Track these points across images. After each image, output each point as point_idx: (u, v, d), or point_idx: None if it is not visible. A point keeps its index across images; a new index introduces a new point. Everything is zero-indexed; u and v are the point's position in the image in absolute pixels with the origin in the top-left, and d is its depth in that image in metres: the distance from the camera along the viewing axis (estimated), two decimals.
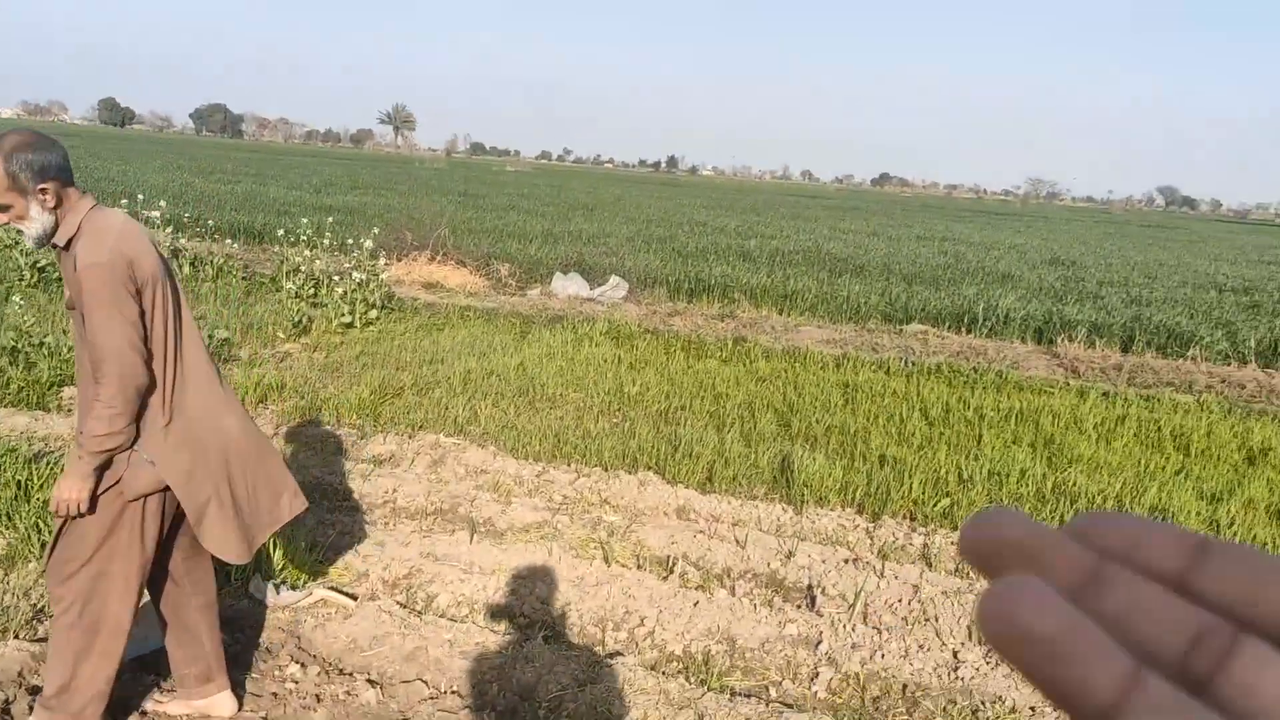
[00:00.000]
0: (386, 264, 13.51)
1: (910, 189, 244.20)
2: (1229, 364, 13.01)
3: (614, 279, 15.46)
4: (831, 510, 6.81)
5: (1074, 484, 7.30)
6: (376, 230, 13.64)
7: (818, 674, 4.52)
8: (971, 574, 5.92)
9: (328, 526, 5.73)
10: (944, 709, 4.30)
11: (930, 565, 6.04)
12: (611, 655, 4.58)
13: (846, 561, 5.85)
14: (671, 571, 5.59)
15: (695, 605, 5.05)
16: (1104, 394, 10.67)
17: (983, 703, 4.34)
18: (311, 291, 12.38)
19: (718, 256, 20.91)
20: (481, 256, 17.00)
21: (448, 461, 7.19)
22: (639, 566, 5.65)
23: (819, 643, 4.76)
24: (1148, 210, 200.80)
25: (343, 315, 11.33)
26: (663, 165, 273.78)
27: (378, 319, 11.83)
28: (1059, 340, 13.45)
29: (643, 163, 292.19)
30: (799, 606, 5.33)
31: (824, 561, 5.84)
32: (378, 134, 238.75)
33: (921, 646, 4.76)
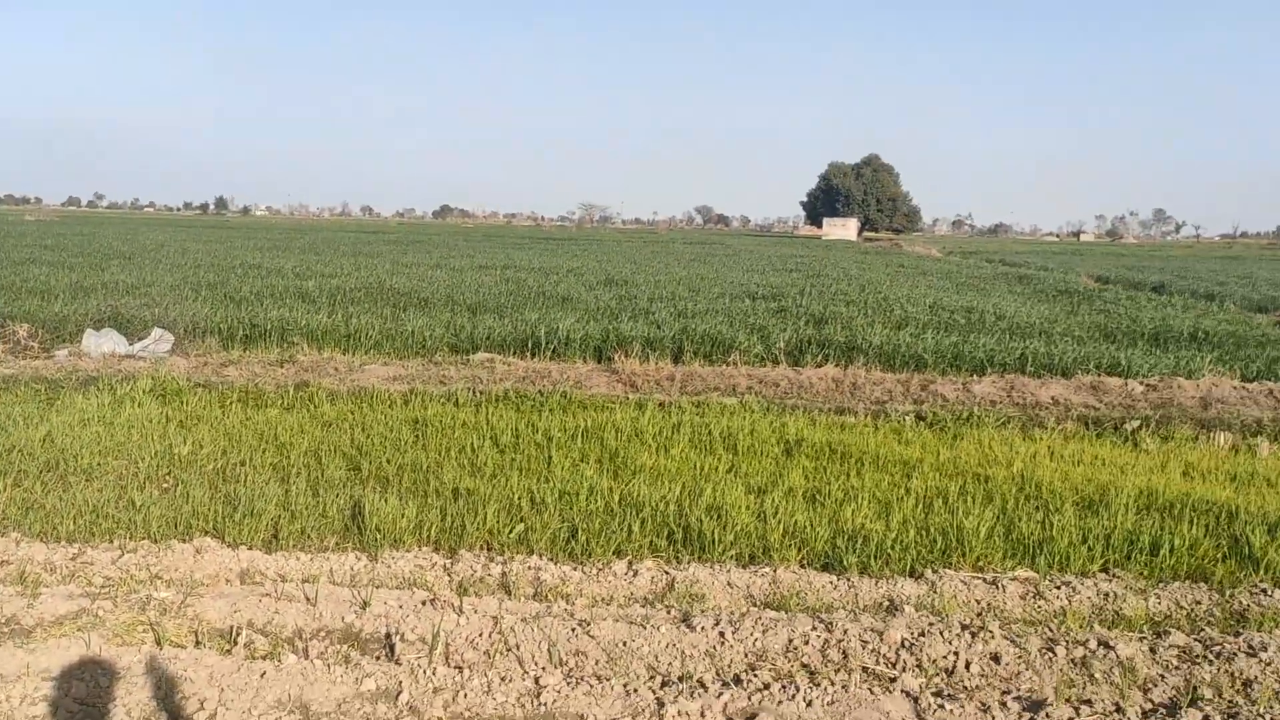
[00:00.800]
0: None
1: (472, 219, 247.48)
2: (764, 365, 14.29)
3: (157, 331, 14.25)
4: (408, 552, 6.63)
5: (639, 494, 7.62)
6: None
7: None
8: (550, 597, 5.97)
9: None
10: None
11: (510, 593, 6.03)
12: None
13: (425, 603, 5.69)
14: (235, 643, 5.15)
15: (262, 676, 4.66)
16: (660, 404, 11.31)
17: None
18: None
19: (274, 299, 19.97)
20: None
21: None
22: (197, 644, 5.15)
23: (399, 694, 4.56)
24: (688, 229, 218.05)
25: None
26: (211, 207, 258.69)
27: None
28: (617, 357, 14.11)
29: (189, 205, 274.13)
30: (378, 658, 5.10)
31: (401, 606, 5.64)
32: None
33: (504, 679, 4.71)
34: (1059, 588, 6.30)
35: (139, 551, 6.37)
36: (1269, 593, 6.34)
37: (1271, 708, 4.72)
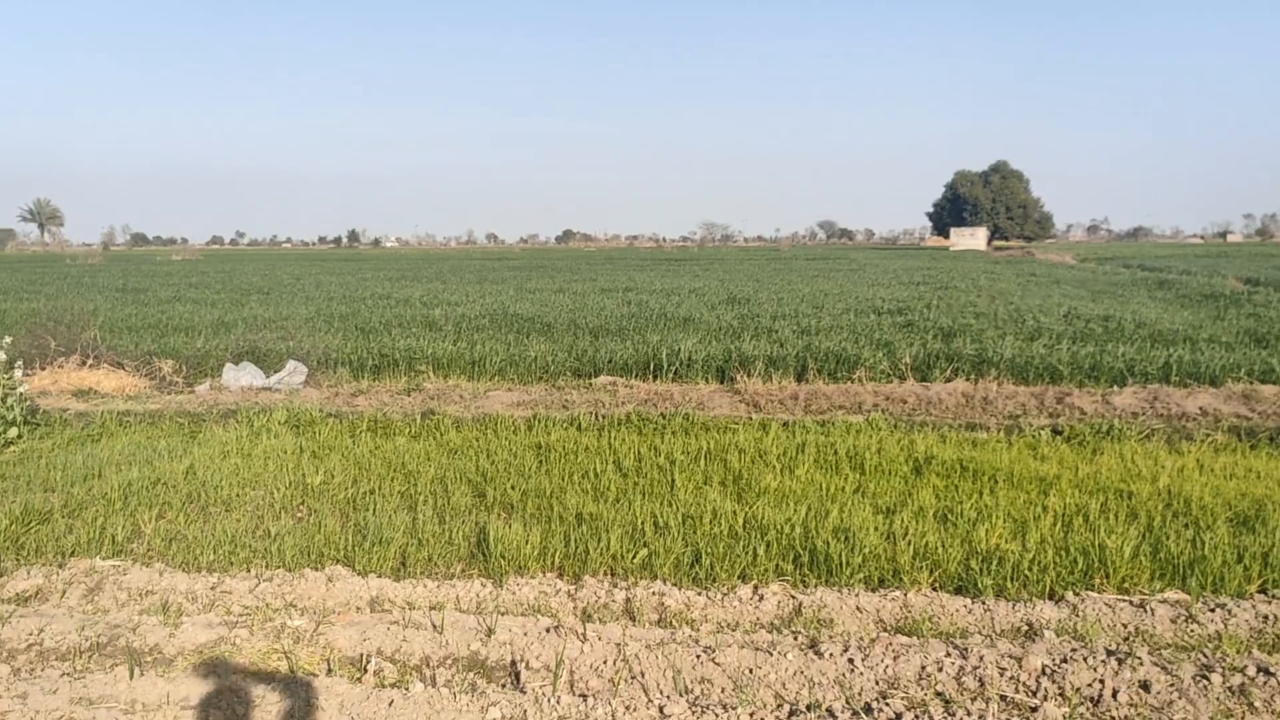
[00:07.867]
0: (27, 374, 12.18)
1: (594, 243, 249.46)
2: (891, 382, 13.97)
3: (291, 364, 14.71)
4: (532, 578, 6.64)
5: (763, 517, 7.49)
6: (9, 339, 12.19)
7: None
8: (674, 623, 5.90)
9: None
10: None
11: (634, 619, 5.98)
12: None
13: (549, 630, 5.68)
14: (365, 671, 5.22)
15: (390, 705, 4.70)
16: (784, 424, 11.14)
17: None
18: None
19: (402, 329, 20.44)
20: (142, 355, 15.69)
21: (106, 588, 6.45)
22: (329, 672, 5.23)
23: None
24: (811, 244, 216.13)
25: None
26: (344, 240, 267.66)
27: (19, 438, 10.61)
28: (739, 377, 13.99)
29: (323, 239, 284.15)
30: (503, 686, 5.10)
31: (526, 634, 5.64)
32: (20, 233, 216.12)
33: (629, 707, 4.64)
34: (1213, 610, 5.94)
35: (274, 580, 6.53)
36: None
37: None
